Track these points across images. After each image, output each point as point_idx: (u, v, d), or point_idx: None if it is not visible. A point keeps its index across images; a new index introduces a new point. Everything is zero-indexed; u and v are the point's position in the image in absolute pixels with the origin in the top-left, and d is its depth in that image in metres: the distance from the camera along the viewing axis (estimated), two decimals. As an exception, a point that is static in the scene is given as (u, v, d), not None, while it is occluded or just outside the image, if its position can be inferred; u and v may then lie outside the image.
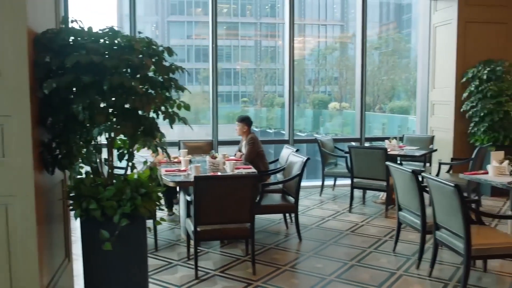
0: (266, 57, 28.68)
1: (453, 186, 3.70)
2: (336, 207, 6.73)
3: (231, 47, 30.50)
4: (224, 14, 31.58)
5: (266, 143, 10.04)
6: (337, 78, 24.68)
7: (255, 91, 26.46)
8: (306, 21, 30.27)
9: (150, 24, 31.12)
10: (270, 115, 23.83)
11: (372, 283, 4.13)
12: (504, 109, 7.01)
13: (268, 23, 30.45)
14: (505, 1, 7.54)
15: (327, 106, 22.21)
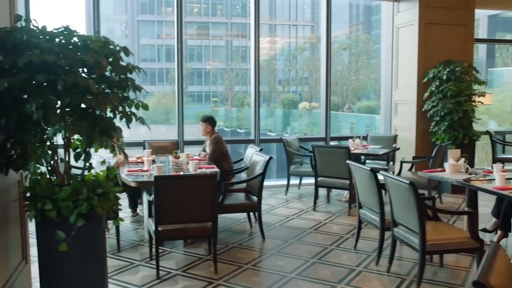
0: (237, 57, 28.73)
1: (408, 183, 3.80)
2: (301, 206, 6.81)
3: (202, 47, 30.40)
4: (195, 13, 31.46)
5: (232, 143, 10.09)
6: (307, 78, 24.87)
7: (226, 91, 26.46)
8: (277, 21, 30.40)
9: (120, 23, 30.77)
10: (240, 115, 23.87)
11: (332, 280, 4.20)
12: (463, 109, 7.20)
13: (239, 23, 30.48)
14: (464, 4, 7.75)
15: (297, 106, 22.37)
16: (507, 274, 2.13)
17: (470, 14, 7.83)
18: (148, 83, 27.72)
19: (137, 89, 3.40)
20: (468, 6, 7.79)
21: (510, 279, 2.14)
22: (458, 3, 7.71)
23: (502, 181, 4.33)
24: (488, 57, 13.40)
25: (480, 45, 13.48)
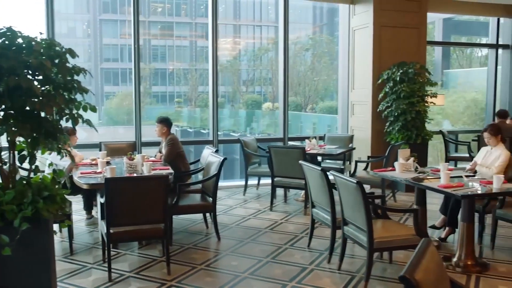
0: (201, 58, 28.59)
1: (355, 182, 3.89)
2: (258, 206, 6.86)
3: (166, 47, 30.15)
4: (158, 13, 31.17)
5: (191, 144, 10.09)
6: (270, 79, 24.99)
7: (190, 91, 26.32)
8: (241, 21, 30.44)
9: (81, 22, 30.20)
10: (204, 115, 23.77)
11: (283, 278, 4.27)
12: (416, 109, 7.40)
13: (203, 23, 30.34)
14: (417, 8, 7.97)
15: (261, 107, 22.46)
16: (435, 270, 2.22)
17: (423, 17, 8.06)
18: (111, 84, 27.32)
19: (84, 91, 3.38)
20: (420, 9, 8.01)
21: (438, 275, 2.24)
22: (411, 6, 7.92)
23: (447, 180, 4.49)
24: (444, 58, 13.78)
25: (436, 47, 13.87)
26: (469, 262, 4.49)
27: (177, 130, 23.29)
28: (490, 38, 10.23)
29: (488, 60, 10.27)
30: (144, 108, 27.03)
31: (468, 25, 13.32)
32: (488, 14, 9.81)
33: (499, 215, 4.93)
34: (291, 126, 19.05)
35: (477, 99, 10.78)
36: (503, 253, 4.96)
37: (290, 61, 22.25)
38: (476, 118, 10.37)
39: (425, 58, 8.13)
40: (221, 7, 32.03)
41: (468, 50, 15.70)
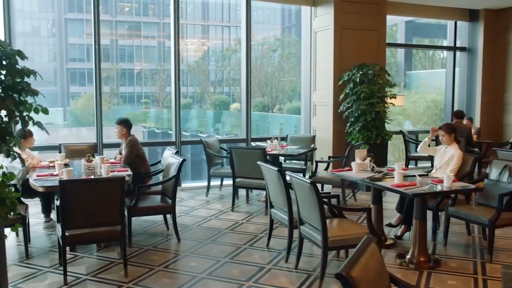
0: (169, 58, 28.38)
1: (309, 182, 3.96)
2: (220, 207, 6.89)
3: (134, 47, 29.83)
4: (126, 13, 30.82)
5: (152, 145, 10.04)
6: (238, 80, 25.03)
7: (158, 92, 26.13)
8: (209, 22, 30.37)
9: (46, 21, 29.61)
10: (172, 116, 23.67)
11: (241, 278, 4.30)
12: (376, 110, 7.55)
13: (179, 23, 30.12)
14: (376, 10, 8.13)
15: (229, 107, 22.48)
16: (375, 268, 2.28)
17: (382, 20, 8.22)
18: (77, 84, 26.86)
19: (34, 93, 3.34)
20: (380, 12, 8.18)
21: (378, 272, 2.30)
22: (370, 9, 8.08)
23: (400, 179, 4.61)
24: (406, 60, 14.09)
25: (399, 49, 14.17)
26: (421, 258, 4.62)
27: (144, 131, 23.11)
28: (448, 41, 10.51)
29: (447, 62, 10.55)
30: (111, 109, 26.61)
31: (429, 27, 13.65)
32: (446, 17, 10.09)
33: (451, 213, 5.08)
34: (259, 127, 19.15)
35: (437, 99, 11.05)
36: (455, 249, 5.12)
37: (257, 62, 22.32)
38: (436, 118, 10.63)
39: (384, 60, 8.30)
40: (189, 8, 31.92)
41: (431, 52, 16.09)
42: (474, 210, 4.97)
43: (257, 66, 21.24)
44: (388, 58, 15.46)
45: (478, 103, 10.03)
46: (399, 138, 9.40)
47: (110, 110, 26.22)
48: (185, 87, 28.90)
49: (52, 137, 7.81)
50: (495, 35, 9.92)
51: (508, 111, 9.92)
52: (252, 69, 8.48)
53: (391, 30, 15.56)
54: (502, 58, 9.92)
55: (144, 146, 7.81)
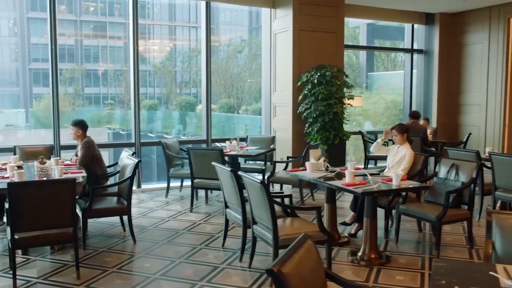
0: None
1: (259, 182, 4.02)
2: (179, 208, 6.89)
3: (99, 47, 29.41)
4: (91, 12, 30.36)
5: (110, 147, 9.96)
6: (204, 80, 24.95)
7: (124, 93, 25.85)
8: (176, 23, 30.20)
9: (7, 20, 28.91)
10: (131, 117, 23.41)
11: (194, 278, 4.33)
12: (334, 111, 7.68)
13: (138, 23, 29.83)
14: (334, 13, 8.27)
15: (195, 108, 22.43)
16: (310, 264, 2.34)
17: (340, 22, 8.37)
18: (40, 85, 26.31)
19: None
20: (338, 15, 8.32)
21: (313, 269, 2.36)
22: (329, 12, 8.21)
23: (351, 178, 4.71)
24: (368, 62, 14.34)
25: (361, 51, 14.42)
26: (372, 255, 4.74)
27: (109, 132, 22.83)
28: (405, 43, 10.77)
29: (404, 64, 10.82)
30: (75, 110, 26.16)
31: (389, 30, 13.93)
32: (403, 20, 10.34)
33: (402, 211, 5.23)
34: (225, 128, 19.18)
35: (396, 100, 11.31)
36: (406, 246, 5.27)
37: (223, 63, 22.29)
38: (395, 119, 10.88)
39: (343, 62, 8.45)
40: (156, 8, 31.67)
41: (393, 54, 16.43)
42: (423, 207, 5.13)
43: (223, 67, 21.28)
44: (351, 60, 15.73)
45: (435, 104, 10.32)
46: (360, 138, 9.58)
47: (74, 112, 25.82)
48: (152, 88, 28.70)
49: (10, 139, 7.64)
50: (450, 38, 10.22)
51: (463, 111, 10.24)
52: (218, 71, 8.53)
53: (354, 32, 15.82)
54: (457, 60, 10.23)
55: (102, 147, 7.79)
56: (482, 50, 9.73)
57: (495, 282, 2.28)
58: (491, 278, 2.32)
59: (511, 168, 5.70)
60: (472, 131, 9.77)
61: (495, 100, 9.54)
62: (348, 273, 4.46)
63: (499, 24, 9.35)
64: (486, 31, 9.62)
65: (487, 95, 9.68)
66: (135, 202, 7.25)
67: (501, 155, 6.09)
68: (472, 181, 4.98)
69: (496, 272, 2.37)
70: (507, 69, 9.36)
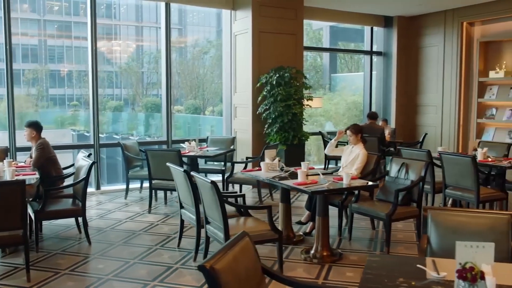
0: (102, 59, 27.69)
1: (210, 182, 4.07)
2: (137, 209, 6.88)
3: (64, 48, 28.91)
4: (55, 12, 29.82)
5: (69, 148, 9.86)
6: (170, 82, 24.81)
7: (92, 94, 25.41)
8: (143, 23, 29.92)
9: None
10: (103, 119, 23.13)
11: (147, 278, 4.35)
12: (292, 112, 7.79)
13: (104, 23, 29.46)
14: (294, 15, 8.39)
15: (161, 109, 22.25)
16: (246, 261, 2.40)
17: (299, 25, 8.49)
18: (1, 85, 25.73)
19: None
20: (297, 17, 8.44)
21: (249, 265, 2.42)
22: (288, 14, 8.32)
23: (303, 177, 4.81)
24: (331, 63, 14.54)
25: (325, 53, 14.62)
26: (324, 253, 4.84)
27: (73, 134, 22.44)
28: (365, 46, 10.99)
29: (364, 65, 11.04)
30: (38, 112, 25.68)
31: (352, 32, 14.14)
32: (362, 23, 10.56)
33: (354, 209, 5.36)
34: (190, 129, 19.12)
35: (357, 101, 11.52)
36: (359, 243, 5.40)
37: (189, 64, 22.17)
38: (356, 120, 11.08)
39: (302, 63, 8.57)
40: (122, 8, 31.32)
41: (356, 56, 16.69)
42: (375, 205, 5.26)
43: (189, 68, 21.17)
44: (316, 61, 15.91)
45: (393, 104, 10.57)
46: (321, 139, 9.72)
47: (38, 113, 25.30)
48: (119, 89, 28.34)
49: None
50: (408, 40, 10.49)
51: (420, 112, 10.51)
52: (184, 72, 8.56)
53: (318, 34, 16.00)
54: (415, 62, 10.50)
55: (61, 149, 7.71)
56: (438, 52, 10.02)
57: (422, 274, 2.39)
58: (419, 271, 2.43)
59: (459, 166, 5.90)
60: (429, 131, 10.04)
61: (450, 101, 9.83)
62: (300, 271, 4.56)
63: (453, 27, 9.65)
64: (441, 34, 9.91)
65: (443, 96, 9.97)
66: (94, 204, 7.20)
67: (450, 154, 6.29)
68: (420, 179, 5.14)
69: (425, 265, 2.48)
70: (461, 71, 9.67)
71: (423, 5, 9.44)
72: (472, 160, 5.75)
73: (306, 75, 8.35)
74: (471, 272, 2.06)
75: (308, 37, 15.52)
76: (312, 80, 14.93)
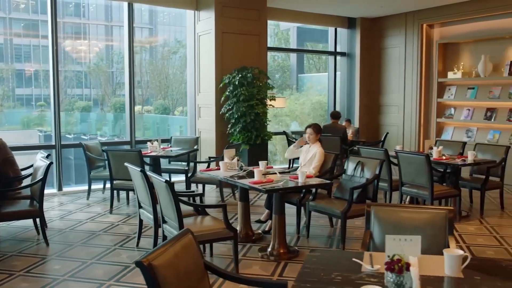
0: (70, 58, 27.30)
1: (164, 181, 4.11)
2: (99, 210, 6.86)
3: (31, 47, 28.40)
4: (21, 10, 29.26)
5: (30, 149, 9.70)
6: (139, 82, 24.65)
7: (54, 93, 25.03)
8: (113, 23, 29.61)
9: None
10: (71, 119, 22.84)
11: (103, 278, 4.36)
12: (255, 112, 7.87)
13: (72, 22, 29.05)
14: (257, 16, 8.48)
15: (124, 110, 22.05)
16: (187, 258, 2.45)
17: (263, 25, 8.58)
18: (-35, 86, 25.12)
19: None
20: (260, 18, 8.53)
21: (189, 261, 2.47)
22: (251, 15, 8.40)
23: (259, 176, 4.89)
24: (299, 63, 14.69)
25: (292, 53, 14.77)
26: (281, 250, 4.93)
27: (40, 135, 22.08)
28: (329, 46, 11.16)
29: (329, 66, 11.21)
30: (3, 112, 25.35)
31: (317, 32, 14.31)
32: (326, 24, 10.72)
33: (312, 207, 5.46)
34: (159, 129, 19.03)
35: (322, 101, 11.69)
36: (316, 241, 5.52)
37: (158, 64, 22.10)
38: (321, 119, 11.24)
39: (266, 63, 8.66)
40: (91, 7, 30.94)
41: (324, 56, 16.89)
42: (331, 203, 5.38)
43: (158, 68, 21.06)
44: (285, 62, 16.04)
45: (357, 104, 10.76)
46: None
47: (3, 113, 24.81)
48: (88, 89, 27.98)
49: None
50: (370, 41, 10.69)
51: (383, 112, 10.73)
52: (154, 72, 8.56)
53: (286, 34, 16.13)
54: (377, 63, 10.71)
55: (23, 149, 7.64)
56: (399, 53, 10.25)
57: (358, 267, 2.49)
58: (355, 264, 2.52)
59: (414, 165, 6.08)
60: (392, 131, 10.27)
61: (411, 101, 10.08)
62: (256, 268, 4.63)
63: (414, 29, 9.90)
64: (402, 36, 10.14)
65: (404, 96, 10.21)
66: (55, 205, 7.15)
67: (405, 152, 6.46)
68: (375, 177, 5.27)
69: (362, 259, 2.58)
70: (421, 72, 9.92)
71: (385, 7, 9.65)
72: (426, 158, 5.93)
73: (275, 75, 8.44)
74: (398, 264, 2.16)
75: (277, 37, 15.65)
76: (280, 80, 15.06)
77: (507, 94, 8.72)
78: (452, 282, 2.34)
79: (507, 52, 8.76)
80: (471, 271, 2.41)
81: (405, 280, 2.14)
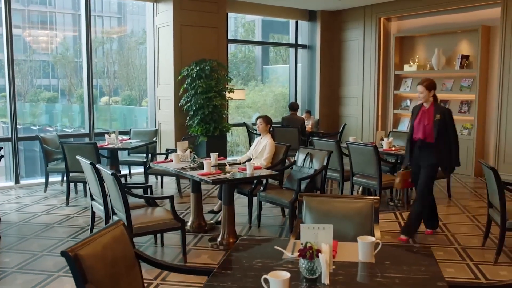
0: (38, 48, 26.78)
1: (111, 174, 4.21)
2: (55, 202, 6.89)
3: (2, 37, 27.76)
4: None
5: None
6: (107, 72, 24.41)
7: (20, 85, 24.59)
8: (80, 11, 29.13)
9: None
10: (36, 110, 22.51)
11: (52, 270, 4.43)
12: (213, 104, 7.98)
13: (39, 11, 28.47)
14: (215, 9, 8.56)
15: (97, 101, 21.85)
16: (117, 247, 2.55)
17: (222, 18, 8.68)
18: None
19: None
20: (219, 10, 8.61)
21: (118, 250, 2.57)
22: (210, 7, 8.48)
23: (208, 168, 5.01)
24: (264, 55, 14.80)
25: (257, 45, 14.87)
26: (231, 239, 5.08)
27: (4, 127, 21.71)
28: (290, 38, 11.31)
29: (290, 58, 11.37)
30: (-34, 103, 24.30)
31: (281, 24, 14.45)
32: (287, 17, 10.85)
33: (262, 197, 5.63)
34: (126, 120, 18.95)
35: (284, 93, 11.85)
36: (267, 230, 5.69)
37: (125, 55, 21.93)
38: (283, 111, 11.40)
39: (225, 56, 8.76)
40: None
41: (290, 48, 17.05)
42: (281, 194, 5.54)
43: (125, 59, 20.89)
44: (251, 53, 16.13)
45: (318, 96, 10.96)
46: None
47: None
48: (56, 79, 27.54)
49: None
50: (330, 34, 10.88)
51: (343, 103, 10.96)
52: (121, 62, 8.54)
53: (252, 25, 16.21)
54: (337, 56, 10.92)
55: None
56: (358, 46, 10.47)
57: (280, 255, 2.64)
58: (278, 252, 2.67)
59: (363, 156, 6.29)
60: (351, 122, 10.51)
61: (369, 93, 10.32)
62: (204, 257, 4.77)
63: (372, 22, 10.12)
64: (361, 29, 10.36)
65: (363, 88, 10.44)
66: (11, 198, 7.15)
67: (356, 144, 6.66)
68: (322, 168, 5.45)
69: (286, 247, 2.73)
70: (379, 64, 10.16)
71: (344, 1, 9.83)
72: (375, 149, 6.14)
73: (240, 67, 8.54)
74: (310, 251, 2.33)
75: (244, 28, 15.71)
76: (245, 72, 15.15)
77: (459, 86, 9.03)
78: (363, 266, 2.52)
79: (458, 46, 9.06)
80: (383, 257, 2.59)
81: (316, 265, 2.31)
